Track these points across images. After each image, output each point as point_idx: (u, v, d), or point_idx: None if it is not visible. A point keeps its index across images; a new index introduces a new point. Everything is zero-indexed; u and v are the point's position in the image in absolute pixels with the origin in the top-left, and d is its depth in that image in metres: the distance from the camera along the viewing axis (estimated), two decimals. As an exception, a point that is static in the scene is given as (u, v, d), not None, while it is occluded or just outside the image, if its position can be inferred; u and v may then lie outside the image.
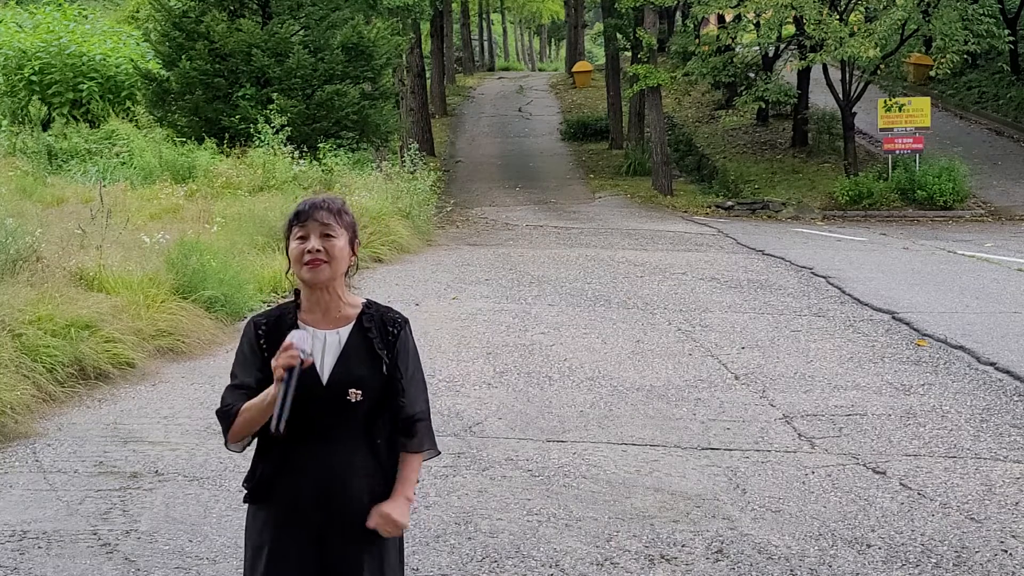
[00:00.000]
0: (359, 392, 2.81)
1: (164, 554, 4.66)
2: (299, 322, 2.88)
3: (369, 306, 2.95)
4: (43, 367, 6.98)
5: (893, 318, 9.97)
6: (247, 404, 2.81)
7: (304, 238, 2.85)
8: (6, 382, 6.47)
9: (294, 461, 2.84)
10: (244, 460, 5.77)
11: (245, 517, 2.97)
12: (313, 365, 2.81)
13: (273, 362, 2.72)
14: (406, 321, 2.97)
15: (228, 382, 2.91)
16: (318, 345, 2.85)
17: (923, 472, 5.74)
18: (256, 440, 2.91)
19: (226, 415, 2.84)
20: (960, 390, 7.41)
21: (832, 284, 12.02)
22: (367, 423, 2.87)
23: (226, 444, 2.91)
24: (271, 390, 2.72)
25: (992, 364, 8.09)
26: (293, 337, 2.72)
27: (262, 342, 2.88)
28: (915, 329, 9.44)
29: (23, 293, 7.71)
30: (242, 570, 4.47)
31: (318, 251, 2.82)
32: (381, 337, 2.89)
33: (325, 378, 2.83)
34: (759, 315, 10.21)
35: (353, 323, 2.90)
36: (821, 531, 4.95)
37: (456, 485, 5.51)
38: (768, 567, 4.56)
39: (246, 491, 2.94)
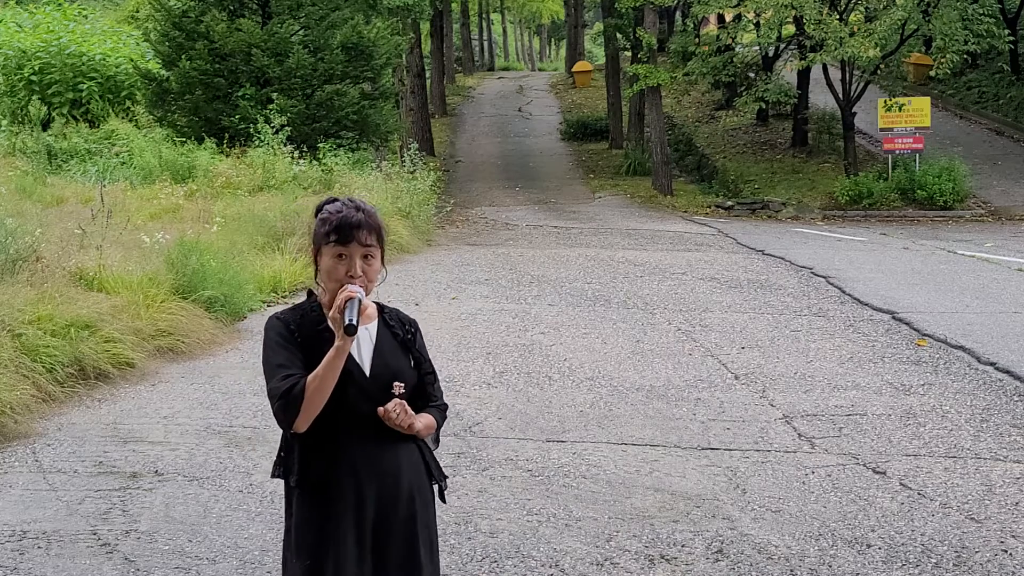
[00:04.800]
0: (403, 384, 2.84)
1: (164, 554, 4.66)
2: (329, 321, 2.82)
3: (383, 307, 3.01)
4: (43, 367, 6.98)
5: (893, 318, 9.97)
6: (312, 374, 2.72)
7: (343, 257, 2.82)
8: (6, 382, 6.47)
9: (346, 458, 2.84)
10: (244, 460, 5.81)
11: (289, 512, 2.90)
12: (355, 359, 2.84)
13: (337, 300, 2.73)
14: (416, 322, 3.08)
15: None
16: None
17: (923, 472, 5.74)
18: (301, 435, 2.83)
19: (291, 391, 2.72)
20: (960, 390, 7.41)
21: (832, 284, 12.02)
22: None
23: (289, 427, 2.78)
24: (330, 354, 2.71)
25: (992, 364, 8.09)
26: (348, 287, 2.75)
27: (296, 335, 2.85)
28: (915, 329, 9.44)
29: (23, 293, 7.71)
30: (242, 570, 4.49)
31: (360, 276, 2.82)
32: (404, 332, 2.97)
33: (367, 370, 2.85)
34: (759, 315, 10.21)
35: (377, 320, 2.94)
36: (821, 531, 4.95)
37: (456, 485, 5.50)
38: (768, 567, 4.56)
39: (294, 487, 2.87)
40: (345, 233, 2.81)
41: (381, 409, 2.78)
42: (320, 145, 17.31)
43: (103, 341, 7.65)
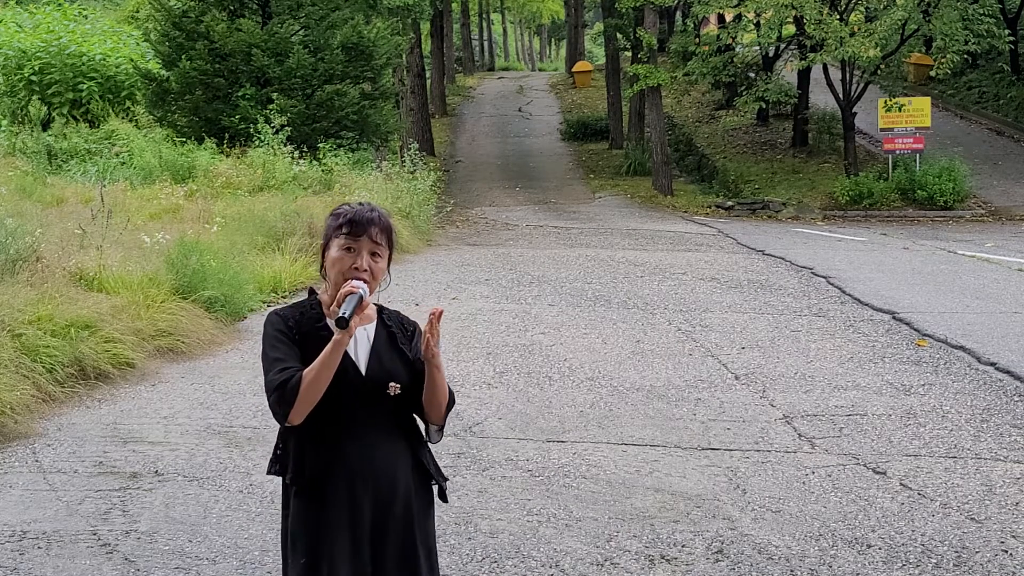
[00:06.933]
0: (398, 385, 2.85)
1: (164, 554, 4.66)
2: (327, 319, 2.88)
3: (382, 309, 3.03)
4: (43, 367, 6.97)
5: (893, 318, 9.97)
6: (309, 367, 2.73)
7: (352, 250, 2.86)
8: (6, 382, 6.47)
9: (340, 457, 2.84)
10: (244, 460, 5.81)
11: (286, 511, 2.91)
12: (351, 358, 2.85)
13: (339, 293, 2.75)
14: (418, 325, 3.07)
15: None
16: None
17: (923, 472, 5.74)
18: (296, 433, 2.86)
19: (287, 383, 2.73)
20: (960, 390, 7.41)
21: (832, 284, 12.02)
22: (403, 418, 2.92)
23: (284, 419, 2.77)
24: (327, 348, 2.72)
25: (992, 364, 8.09)
26: (351, 282, 2.77)
27: (294, 332, 2.87)
28: (915, 329, 9.44)
29: (23, 293, 7.71)
30: (242, 570, 4.49)
31: (366, 271, 2.85)
32: (402, 333, 2.98)
33: (363, 369, 2.86)
34: (759, 315, 10.20)
35: (376, 321, 2.96)
36: (821, 531, 4.95)
37: (456, 485, 5.50)
38: (768, 567, 4.56)
39: (290, 485, 2.88)
40: (358, 226, 2.86)
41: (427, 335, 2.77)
42: (320, 145, 17.31)
43: (103, 341, 7.64)
